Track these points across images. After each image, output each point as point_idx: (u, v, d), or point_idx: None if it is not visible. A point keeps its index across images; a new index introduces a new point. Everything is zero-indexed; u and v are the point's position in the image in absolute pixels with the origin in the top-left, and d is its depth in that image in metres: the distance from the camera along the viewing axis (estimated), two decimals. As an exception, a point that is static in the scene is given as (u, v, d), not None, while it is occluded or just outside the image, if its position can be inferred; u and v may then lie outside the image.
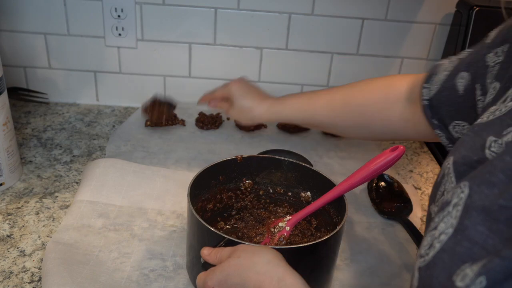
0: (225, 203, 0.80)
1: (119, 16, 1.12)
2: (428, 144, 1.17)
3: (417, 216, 0.90)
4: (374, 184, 0.95)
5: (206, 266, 0.61)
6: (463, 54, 0.66)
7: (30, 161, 0.98)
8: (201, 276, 0.60)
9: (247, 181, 0.81)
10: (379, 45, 1.17)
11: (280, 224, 0.74)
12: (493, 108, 0.50)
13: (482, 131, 0.48)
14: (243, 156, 0.78)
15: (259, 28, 1.15)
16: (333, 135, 1.15)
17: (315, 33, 1.15)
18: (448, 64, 0.67)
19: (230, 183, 0.79)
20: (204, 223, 0.63)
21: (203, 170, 0.73)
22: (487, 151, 0.45)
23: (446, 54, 1.16)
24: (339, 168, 1.03)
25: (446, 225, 0.43)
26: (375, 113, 0.78)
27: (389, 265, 0.79)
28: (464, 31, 1.08)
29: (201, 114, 1.18)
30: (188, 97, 1.22)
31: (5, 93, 0.85)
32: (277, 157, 0.80)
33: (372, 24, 1.15)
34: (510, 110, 0.47)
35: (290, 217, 0.74)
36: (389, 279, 0.76)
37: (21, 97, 1.18)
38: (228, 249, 0.60)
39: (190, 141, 1.09)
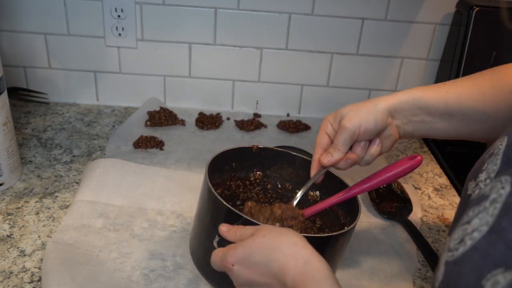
0: (232, 191, 0.80)
1: (119, 16, 1.12)
2: (428, 144, 1.17)
3: (417, 216, 0.91)
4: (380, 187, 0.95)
5: (223, 243, 0.59)
6: None
7: (30, 161, 0.98)
8: (218, 252, 0.58)
9: (257, 173, 0.80)
10: (379, 45, 1.17)
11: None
12: None
13: None
14: (259, 146, 0.78)
15: (259, 28, 1.15)
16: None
17: (315, 33, 1.15)
18: None
19: (242, 172, 0.79)
20: (223, 201, 0.61)
21: (221, 153, 0.73)
22: None
23: (446, 54, 1.16)
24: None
25: (480, 222, 0.40)
26: None
27: (389, 265, 0.79)
28: (464, 31, 1.08)
29: (201, 114, 1.18)
30: (188, 97, 1.22)
31: (5, 93, 0.85)
32: (292, 152, 0.79)
33: (372, 24, 1.15)
34: None
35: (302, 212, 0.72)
36: (389, 279, 0.76)
37: (21, 97, 1.18)
38: (250, 228, 0.58)
39: (190, 141, 1.09)
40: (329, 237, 0.62)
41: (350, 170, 0.73)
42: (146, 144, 1.04)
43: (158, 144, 1.05)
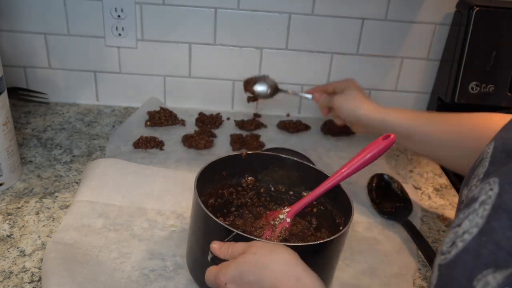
0: (225, 198, 0.80)
1: (119, 16, 1.12)
2: (428, 144, 1.17)
3: (417, 216, 0.90)
4: (374, 184, 0.95)
5: (216, 260, 0.59)
6: None
7: (30, 161, 0.98)
8: (212, 270, 0.59)
9: (249, 178, 0.80)
10: (379, 45, 1.17)
11: (281, 216, 0.73)
12: None
13: None
14: (248, 152, 0.78)
15: (259, 28, 1.15)
16: (332, 135, 1.15)
17: (315, 33, 1.16)
18: None
19: (233, 179, 0.79)
20: (212, 217, 0.62)
21: (209, 164, 0.73)
22: None
23: (446, 54, 1.16)
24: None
25: (471, 224, 0.40)
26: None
27: (389, 265, 0.79)
28: (464, 31, 1.08)
29: (201, 114, 1.18)
30: (188, 97, 1.22)
31: (5, 93, 0.85)
32: (281, 155, 0.79)
33: (372, 24, 1.15)
34: None
35: (289, 209, 0.74)
36: (389, 279, 0.76)
37: (21, 97, 1.18)
38: (241, 244, 0.58)
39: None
40: (321, 244, 0.62)
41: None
42: (146, 144, 1.04)
43: (158, 144, 1.05)
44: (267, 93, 1.06)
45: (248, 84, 1.06)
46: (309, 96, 1.03)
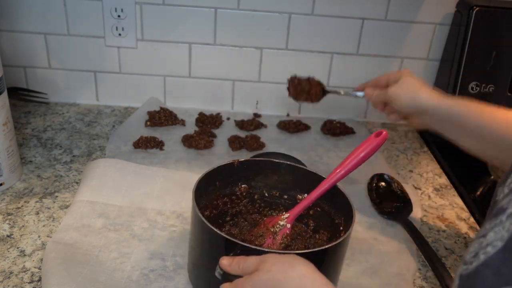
0: (220, 209, 0.78)
1: (119, 16, 1.12)
2: (428, 144, 1.17)
3: (417, 216, 0.90)
4: (374, 184, 0.95)
5: (229, 277, 0.58)
6: None
7: (30, 161, 0.98)
8: None
9: (242, 186, 0.79)
10: (379, 45, 1.17)
11: (281, 223, 0.73)
12: None
13: None
14: (240, 160, 0.77)
15: (259, 28, 1.15)
16: (332, 135, 1.15)
17: (315, 33, 1.16)
18: None
19: (226, 188, 0.78)
20: (217, 231, 0.60)
21: (203, 176, 0.72)
22: None
23: (446, 54, 1.16)
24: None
25: (495, 236, 0.39)
26: None
27: (389, 265, 0.79)
28: (464, 31, 1.08)
29: (201, 114, 1.18)
30: (188, 97, 1.22)
31: (5, 93, 0.85)
32: (274, 160, 0.79)
33: (372, 24, 1.15)
34: None
35: (288, 214, 0.73)
36: (389, 279, 0.76)
37: (21, 97, 1.18)
38: (253, 260, 0.56)
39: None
40: (325, 250, 0.61)
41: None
42: (146, 144, 1.04)
43: (158, 144, 1.05)
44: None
45: (295, 88, 0.96)
46: (361, 93, 0.93)
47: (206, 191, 0.75)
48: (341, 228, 0.71)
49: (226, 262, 0.58)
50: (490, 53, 1.08)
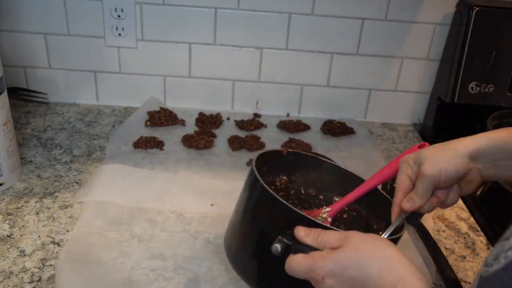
0: None
1: (119, 16, 1.12)
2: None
3: (429, 219, 0.90)
4: (388, 186, 0.95)
5: (298, 248, 0.55)
6: None
7: (30, 161, 0.98)
8: (302, 261, 0.54)
9: (283, 178, 0.78)
10: (379, 45, 1.17)
11: (323, 215, 0.71)
12: None
13: None
14: (289, 150, 0.77)
15: (259, 28, 1.15)
16: (332, 135, 1.15)
17: (315, 33, 1.15)
18: None
19: (269, 176, 0.77)
20: (293, 207, 0.59)
21: (260, 155, 0.71)
22: None
23: (446, 54, 1.16)
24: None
25: None
26: None
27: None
28: (464, 31, 1.08)
29: (201, 114, 1.18)
30: (188, 97, 1.22)
31: (5, 93, 0.85)
32: (319, 157, 0.79)
33: (372, 24, 1.15)
34: None
35: (329, 208, 0.72)
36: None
37: (21, 97, 1.18)
38: (336, 234, 0.54)
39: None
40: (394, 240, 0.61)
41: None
42: (146, 144, 1.04)
43: (158, 144, 1.05)
44: None
45: None
46: (408, 210, 0.66)
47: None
48: (381, 233, 0.66)
49: (303, 233, 0.56)
50: (490, 53, 1.08)
